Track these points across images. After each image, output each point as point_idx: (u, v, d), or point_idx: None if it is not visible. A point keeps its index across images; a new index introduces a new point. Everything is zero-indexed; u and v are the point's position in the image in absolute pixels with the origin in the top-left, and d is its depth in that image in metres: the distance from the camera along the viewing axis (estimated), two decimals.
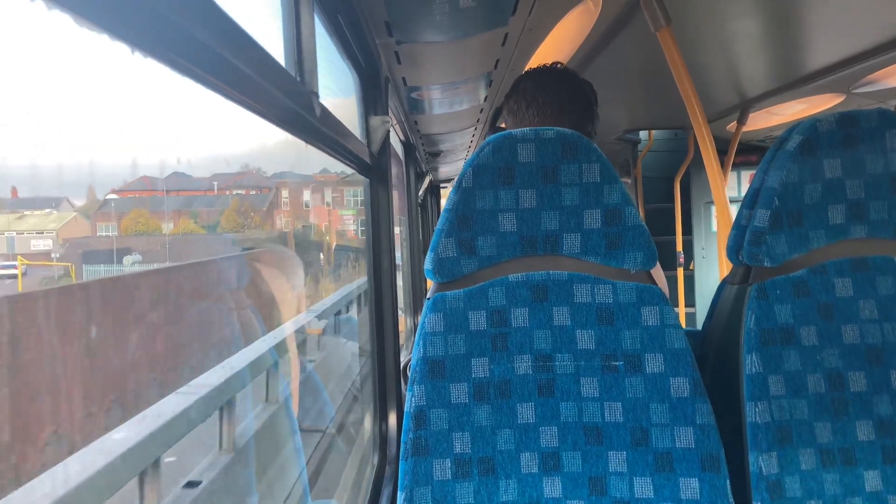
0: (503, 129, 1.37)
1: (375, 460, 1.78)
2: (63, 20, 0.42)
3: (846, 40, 1.97)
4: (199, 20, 0.55)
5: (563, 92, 1.38)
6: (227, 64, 0.64)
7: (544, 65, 1.45)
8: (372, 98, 1.74)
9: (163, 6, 0.48)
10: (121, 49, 0.47)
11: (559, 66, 1.45)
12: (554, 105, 1.37)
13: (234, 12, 0.65)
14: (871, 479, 0.99)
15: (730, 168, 3.55)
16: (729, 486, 0.96)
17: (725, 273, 1.19)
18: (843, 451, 1.00)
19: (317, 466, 3.55)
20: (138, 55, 0.51)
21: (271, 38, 1.01)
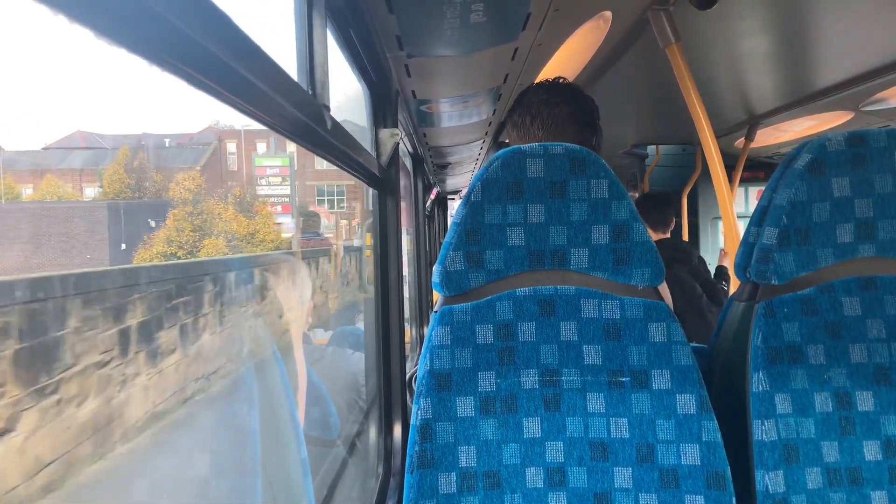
0: (507, 144, 1.38)
1: (380, 472, 1.77)
2: (84, 34, 0.42)
3: (855, 58, 1.98)
4: (214, 35, 0.56)
5: (567, 106, 1.39)
6: (241, 78, 0.65)
7: (547, 80, 1.46)
8: (382, 111, 1.75)
9: (180, 21, 0.49)
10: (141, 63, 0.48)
11: (562, 80, 1.46)
12: (559, 119, 1.38)
13: (249, 27, 0.66)
14: (879, 500, 0.99)
15: (737, 184, 3.54)
16: None
17: (732, 290, 1.19)
18: (849, 471, 0.99)
19: None
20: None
21: (285, 52, 1.03)
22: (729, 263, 4.06)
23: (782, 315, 1.03)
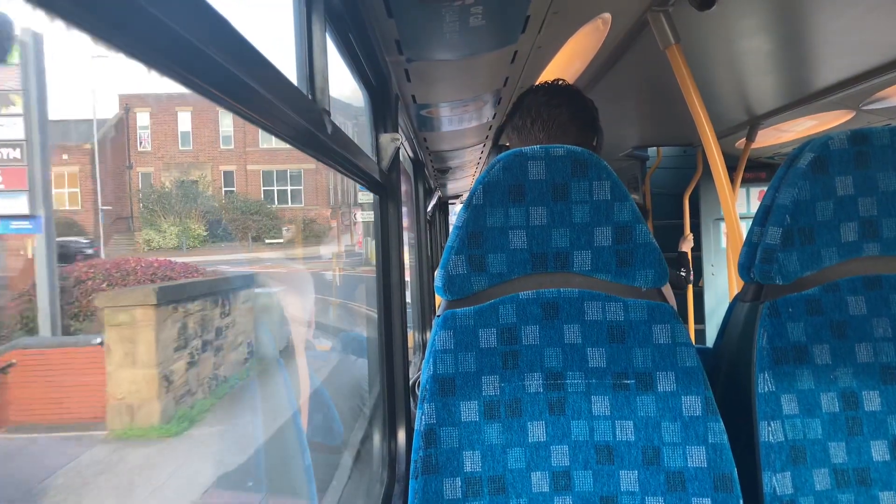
0: (507, 147, 1.38)
1: (385, 477, 1.77)
2: (83, 40, 0.42)
3: (856, 57, 1.97)
4: (214, 40, 0.56)
5: (567, 108, 1.39)
6: (242, 83, 0.64)
7: (546, 82, 1.45)
8: (382, 115, 1.75)
9: (180, 26, 0.49)
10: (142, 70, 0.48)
11: (562, 82, 1.46)
12: (559, 120, 1.37)
13: (249, 32, 0.66)
14: (887, 500, 0.98)
15: (739, 185, 3.54)
16: None
17: (735, 290, 1.18)
18: (857, 472, 0.99)
19: None
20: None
21: (284, 57, 1.02)
22: (688, 248, 4.10)
23: (787, 315, 1.03)
